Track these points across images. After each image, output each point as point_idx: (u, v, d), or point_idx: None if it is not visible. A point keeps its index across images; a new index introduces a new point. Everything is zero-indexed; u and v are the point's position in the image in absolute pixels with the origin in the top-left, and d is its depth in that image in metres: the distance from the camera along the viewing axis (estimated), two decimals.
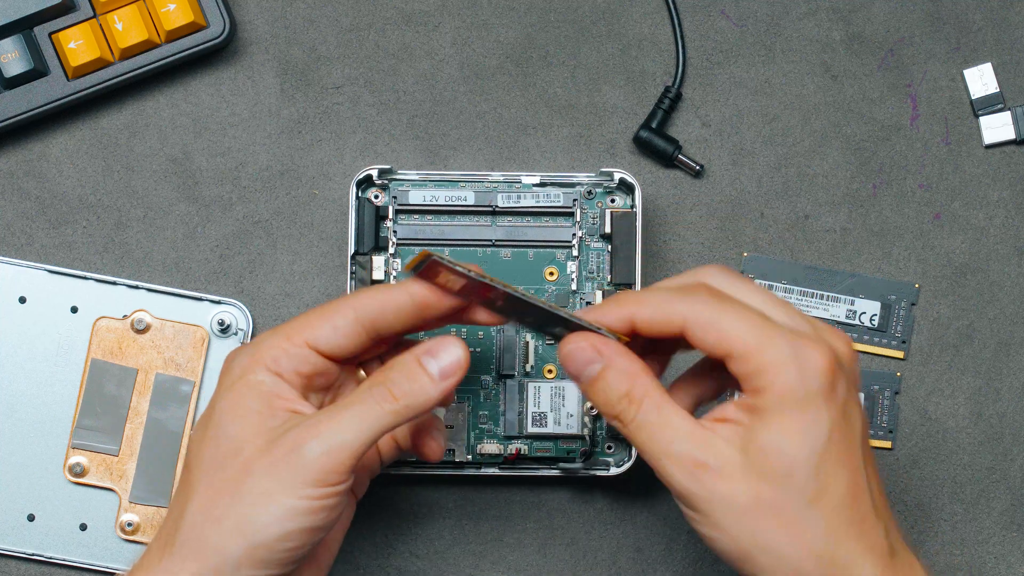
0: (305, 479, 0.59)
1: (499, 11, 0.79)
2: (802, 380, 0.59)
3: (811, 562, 0.59)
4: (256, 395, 0.61)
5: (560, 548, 0.78)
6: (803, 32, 0.79)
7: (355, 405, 0.60)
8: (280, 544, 0.59)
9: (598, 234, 0.76)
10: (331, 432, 0.60)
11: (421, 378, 0.61)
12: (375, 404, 0.60)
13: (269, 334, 0.63)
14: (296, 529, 0.60)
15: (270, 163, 0.78)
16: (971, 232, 0.78)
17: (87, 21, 0.76)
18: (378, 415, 0.60)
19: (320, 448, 0.59)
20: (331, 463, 0.59)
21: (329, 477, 0.59)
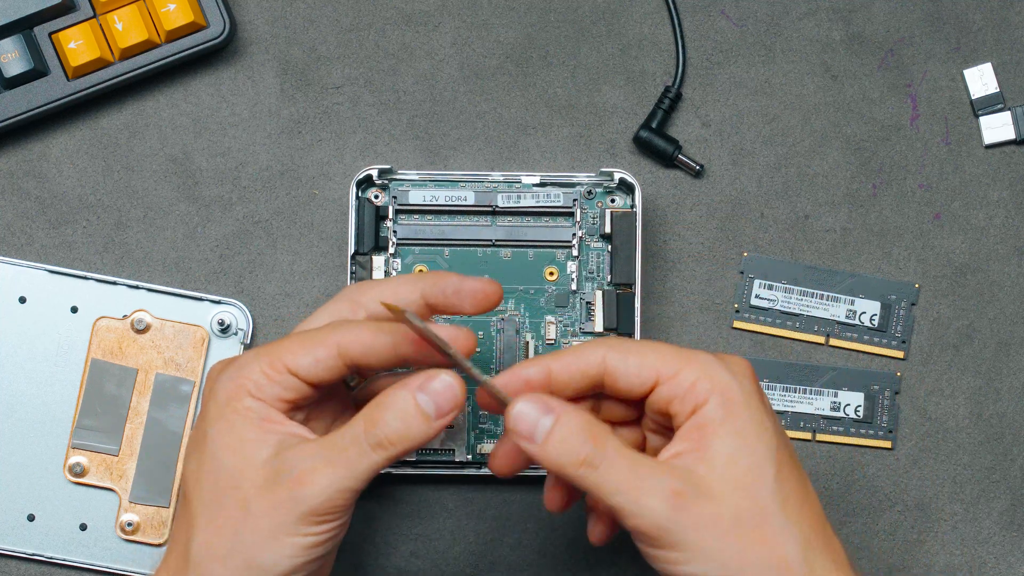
0: (307, 520, 0.60)
1: (499, 11, 0.79)
2: (738, 383, 0.60)
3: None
4: (246, 423, 0.61)
5: (560, 548, 0.78)
6: (803, 32, 0.79)
7: (350, 448, 0.60)
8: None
9: (598, 234, 0.76)
10: (328, 477, 0.60)
11: (415, 420, 0.60)
12: (369, 450, 0.60)
13: (251, 356, 0.62)
14: (301, 562, 0.60)
15: (270, 163, 0.78)
16: (971, 232, 0.78)
17: (87, 21, 0.76)
18: (373, 459, 0.60)
19: (318, 493, 0.60)
20: (330, 504, 0.60)
21: (329, 516, 0.60)
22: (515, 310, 0.76)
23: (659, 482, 0.58)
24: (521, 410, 0.60)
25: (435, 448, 0.76)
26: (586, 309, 0.76)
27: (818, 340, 0.78)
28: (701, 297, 0.78)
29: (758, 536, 0.58)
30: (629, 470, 0.58)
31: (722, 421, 0.59)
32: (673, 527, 0.58)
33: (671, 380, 0.60)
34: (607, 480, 0.58)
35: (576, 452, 0.59)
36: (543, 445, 0.59)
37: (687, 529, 0.58)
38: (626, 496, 0.58)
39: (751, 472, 0.59)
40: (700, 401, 0.60)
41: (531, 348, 0.76)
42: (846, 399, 0.77)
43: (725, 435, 0.59)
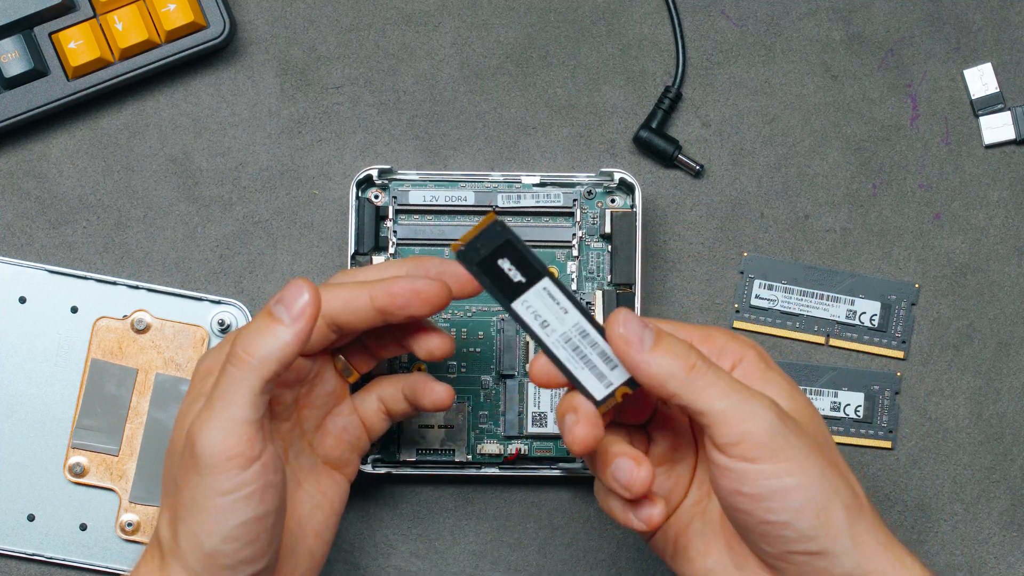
0: (214, 475, 0.59)
1: (499, 11, 0.79)
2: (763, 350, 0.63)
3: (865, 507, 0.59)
4: None
5: (560, 548, 0.78)
6: (803, 32, 0.79)
7: (220, 383, 0.60)
8: (227, 546, 0.59)
9: (598, 234, 0.76)
10: (211, 419, 0.59)
11: (272, 328, 0.60)
12: (236, 372, 0.59)
13: None
14: (234, 525, 0.59)
15: (270, 163, 0.78)
16: (971, 232, 0.78)
17: (87, 21, 0.76)
18: (242, 380, 0.59)
19: (209, 440, 0.59)
20: (227, 447, 0.59)
21: (234, 461, 0.59)
22: None
23: (760, 393, 0.59)
24: (627, 317, 0.59)
25: (435, 448, 0.76)
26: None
27: (818, 340, 0.78)
28: (701, 297, 0.78)
29: (831, 461, 0.59)
30: (734, 379, 0.59)
31: (765, 370, 0.61)
32: (780, 433, 0.57)
33: (705, 343, 0.61)
34: (715, 384, 0.58)
35: (684, 358, 0.58)
36: (651, 351, 0.58)
37: (790, 437, 0.58)
38: (735, 399, 0.58)
39: (806, 409, 0.60)
40: (738, 357, 0.61)
41: (531, 348, 0.76)
42: (846, 399, 0.77)
43: (775, 379, 0.61)
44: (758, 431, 0.57)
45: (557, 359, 0.61)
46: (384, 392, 0.69)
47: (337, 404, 0.68)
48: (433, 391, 0.68)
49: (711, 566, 0.62)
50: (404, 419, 0.73)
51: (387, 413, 0.69)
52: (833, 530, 0.58)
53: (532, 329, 0.60)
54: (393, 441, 0.76)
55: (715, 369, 0.59)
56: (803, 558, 0.59)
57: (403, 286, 0.64)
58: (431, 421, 0.76)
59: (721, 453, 0.58)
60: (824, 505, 0.58)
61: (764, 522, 0.58)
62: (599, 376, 0.60)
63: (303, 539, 0.66)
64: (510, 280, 0.60)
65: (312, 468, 0.67)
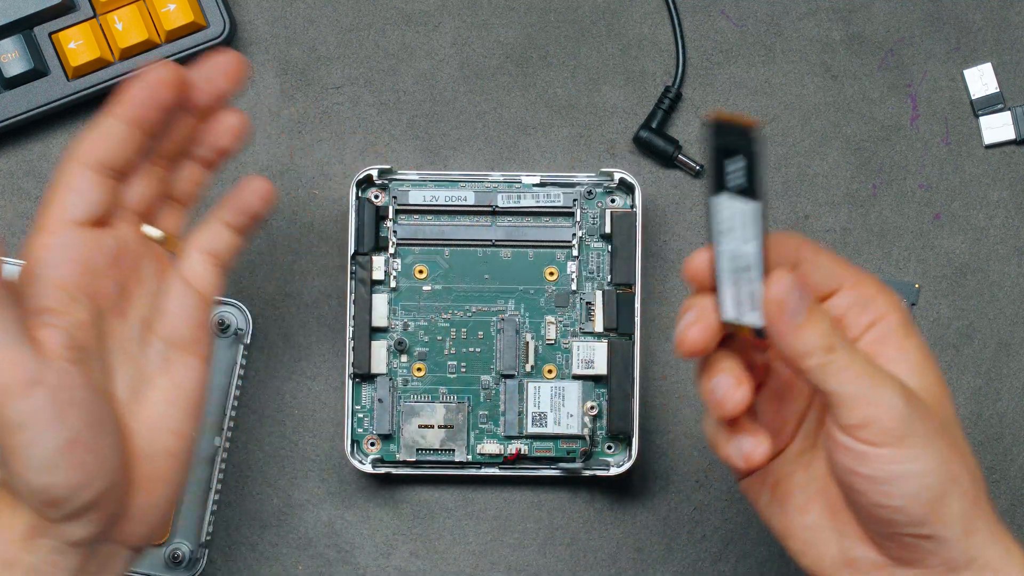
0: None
1: (499, 11, 0.79)
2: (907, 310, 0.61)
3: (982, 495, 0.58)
4: None
5: (560, 548, 0.78)
6: (803, 32, 0.79)
7: None
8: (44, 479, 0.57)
9: (598, 234, 0.76)
10: None
11: None
12: None
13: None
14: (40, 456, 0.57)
15: (270, 163, 0.78)
16: (971, 232, 0.78)
17: (87, 21, 0.76)
18: None
19: None
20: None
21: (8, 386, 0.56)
22: (515, 310, 0.76)
23: (891, 377, 0.57)
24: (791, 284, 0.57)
25: (435, 448, 0.76)
26: (586, 309, 0.76)
27: None
28: None
29: (955, 446, 0.58)
30: (867, 362, 0.57)
31: (906, 336, 0.59)
32: (908, 418, 0.56)
33: (854, 288, 0.60)
34: (849, 368, 0.57)
35: (827, 338, 0.57)
36: (801, 325, 0.57)
37: (916, 422, 0.57)
38: (866, 384, 0.56)
39: (936, 386, 0.59)
40: (880, 315, 0.59)
41: (531, 348, 0.76)
42: None
43: (912, 349, 0.59)
44: (885, 417, 0.56)
45: (717, 263, 0.58)
46: (203, 240, 0.65)
47: (165, 280, 0.64)
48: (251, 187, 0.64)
49: (809, 524, 0.61)
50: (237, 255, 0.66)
51: (217, 261, 0.65)
52: (946, 517, 0.57)
53: (714, 226, 0.58)
54: (393, 441, 0.76)
55: (851, 351, 0.57)
56: (911, 540, 0.58)
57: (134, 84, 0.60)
58: (431, 421, 0.76)
59: (843, 432, 0.57)
60: (941, 493, 0.57)
61: (877, 504, 0.57)
62: (738, 304, 0.58)
63: (158, 440, 0.62)
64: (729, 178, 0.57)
65: (163, 359, 0.63)
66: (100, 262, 0.61)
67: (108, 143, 0.61)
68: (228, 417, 0.76)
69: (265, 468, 0.78)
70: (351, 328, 0.75)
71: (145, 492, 0.61)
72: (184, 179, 0.65)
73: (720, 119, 0.56)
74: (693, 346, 0.59)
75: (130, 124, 0.61)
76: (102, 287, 0.61)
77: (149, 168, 0.63)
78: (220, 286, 0.65)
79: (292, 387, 0.78)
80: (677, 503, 0.78)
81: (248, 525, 0.77)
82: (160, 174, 0.64)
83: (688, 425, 0.78)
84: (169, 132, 0.63)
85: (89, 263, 0.61)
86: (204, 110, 0.63)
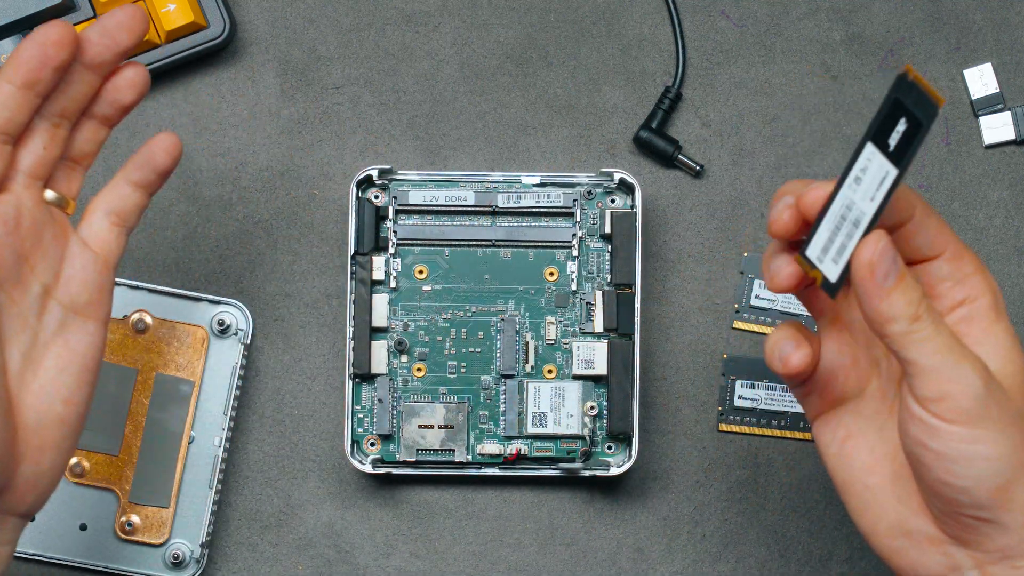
0: None
1: (499, 11, 0.79)
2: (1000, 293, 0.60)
3: None
4: None
5: (560, 548, 0.78)
6: (803, 32, 0.79)
7: None
8: None
9: (598, 234, 0.76)
10: None
11: None
12: None
13: None
14: None
15: (270, 163, 0.79)
16: (971, 232, 0.78)
17: (87, 21, 0.76)
18: None
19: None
20: None
21: None
22: (515, 310, 0.76)
23: (974, 356, 0.57)
24: (886, 248, 0.56)
25: (435, 448, 0.76)
26: (586, 309, 0.76)
27: None
28: (701, 297, 0.78)
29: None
30: (952, 337, 0.57)
31: (994, 321, 0.59)
32: (984, 400, 0.56)
33: (954, 261, 0.59)
34: (932, 340, 0.56)
35: (914, 306, 0.56)
36: (889, 290, 0.56)
37: (993, 406, 0.56)
38: (947, 358, 0.56)
39: (1020, 375, 0.59)
40: (974, 294, 0.59)
41: (531, 348, 0.76)
42: None
43: (999, 335, 0.59)
44: (962, 395, 0.56)
45: (829, 204, 0.57)
46: (106, 200, 0.64)
47: (66, 244, 0.63)
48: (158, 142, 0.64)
49: (871, 485, 0.60)
50: (141, 214, 0.66)
51: (120, 221, 0.64)
52: (1011, 504, 0.56)
53: (848, 170, 0.57)
54: (393, 441, 0.76)
55: (937, 323, 0.56)
56: (971, 522, 0.57)
57: (25, 46, 0.59)
58: (431, 421, 0.76)
59: (918, 404, 0.57)
60: (1009, 479, 0.56)
61: (943, 481, 0.57)
62: (825, 249, 0.58)
63: (49, 409, 0.61)
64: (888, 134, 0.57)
65: (60, 324, 0.62)
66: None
67: (3, 110, 0.59)
68: (228, 417, 0.76)
69: (265, 468, 0.78)
70: (351, 328, 0.75)
71: (33, 462, 0.60)
72: (83, 138, 0.63)
73: (913, 78, 0.56)
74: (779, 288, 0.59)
75: (22, 87, 0.60)
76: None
77: (45, 128, 0.62)
78: (123, 246, 0.64)
79: (292, 387, 0.78)
80: (677, 503, 0.78)
81: (248, 525, 0.78)
82: (56, 134, 0.62)
83: (688, 425, 0.78)
84: (65, 91, 0.62)
85: None
86: (101, 66, 0.62)
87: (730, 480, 0.78)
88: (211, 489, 0.76)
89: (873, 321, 0.57)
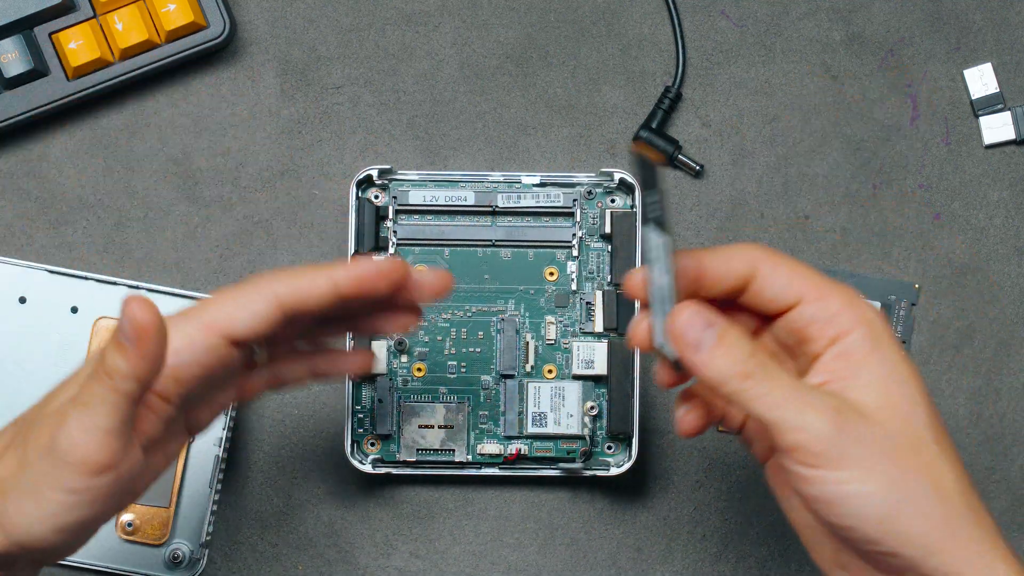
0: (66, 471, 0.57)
1: (499, 11, 0.79)
2: (880, 320, 0.59)
3: (955, 512, 0.57)
4: None
5: (560, 548, 0.78)
6: (803, 32, 0.79)
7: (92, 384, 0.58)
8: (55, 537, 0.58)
9: (598, 234, 0.76)
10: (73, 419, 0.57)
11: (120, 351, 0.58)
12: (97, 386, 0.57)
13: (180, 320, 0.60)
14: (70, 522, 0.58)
15: (270, 163, 0.78)
16: (971, 232, 0.78)
17: (87, 21, 0.76)
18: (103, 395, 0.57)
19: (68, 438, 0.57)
20: (85, 452, 0.57)
21: (88, 466, 0.57)
22: (515, 310, 0.76)
23: (820, 400, 0.57)
24: (690, 317, 0.57)
25: (435, 448, 0.76)
26: (586, 309, 0.76)
27: None
28: None
29: (915, 462, 0.57)
30: (790, 387, 0.57)
31: (870, 352, 0.58)
32: (837, 442, 0.56)
33: (817, 302, 0.59)
34: (769, 394, 0.56)
35: (741, 365, 0.57)
36: (709, 355, 0.57)
37: (850, 445, 0.56)
38: (788, 410, 0.56)
39: (904, 401, 0.58)
40: (844, 330, 0.58)
41: (531, 348, 0.76)
42: None
43: (874, 365, 0.58)
44: (810, 441, 0.56)
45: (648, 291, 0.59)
46: (285, 370, 0.66)
47: (232, 384, 0.65)
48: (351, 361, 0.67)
49: (809, 523, 0.61)
50: None
51: (278, 384, 0.66)
52: (902, 536, 0.56)
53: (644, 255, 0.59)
54: (393, 441, 0.76)
55: (770, 375, 0.57)
56: (877, 556, 0.57)
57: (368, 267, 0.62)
58: (431, 421, 0.76)
59: (783, 455, 0.57)
60: (888, 513, 0.56)
61: (829, 522, 0.57)
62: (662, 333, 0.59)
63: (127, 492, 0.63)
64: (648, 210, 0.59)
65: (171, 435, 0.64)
66: (217, 376, 0.62)
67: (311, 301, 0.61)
68: (228, 417, 0.76)
69: (265, 468, 0.78)
70: None
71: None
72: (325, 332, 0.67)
73: (638, 154, 0.58)
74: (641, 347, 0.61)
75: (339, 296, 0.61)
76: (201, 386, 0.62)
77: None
78: None
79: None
80: (677, 503, 0.78)
81: (248, 525, 0.78)
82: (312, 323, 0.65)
83: None
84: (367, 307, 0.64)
85: (210, 374, 0.61)
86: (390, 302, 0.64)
87: (730, 480, 0.78)
88: (211, 489, 0.76)
89: (709, 386, 0.57)
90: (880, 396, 0.58)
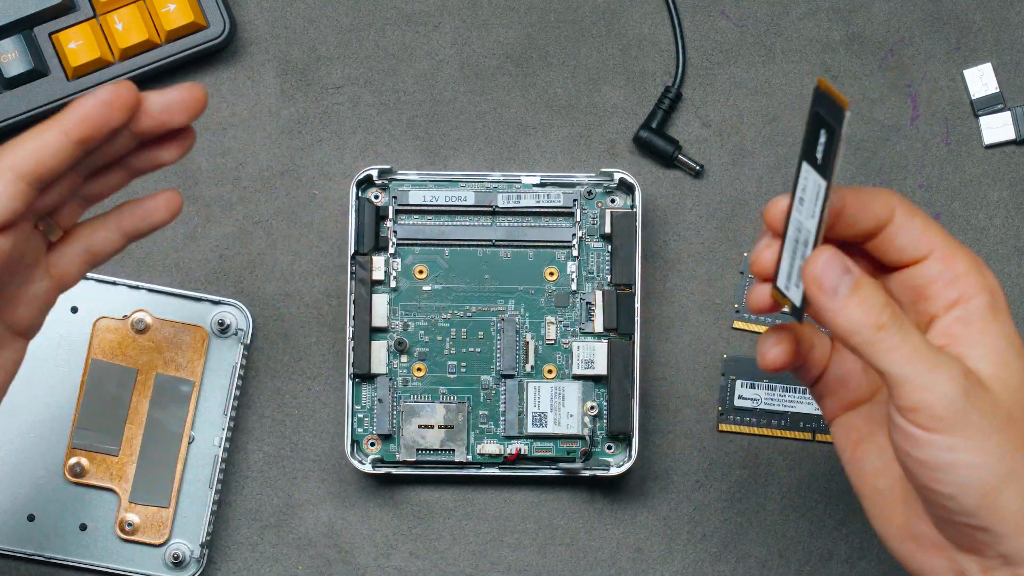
0: None
1: (499, 11, 0.79)
2: (1001, 291, 0.58)
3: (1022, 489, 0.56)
4: None
5: (560, 548, 0.78)
6: (803, 32, 0.79)
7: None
8: None
9: (598, 234, 0.76)
10: None
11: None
12: None
13: None
14: None
15: (270, 163, 0.79)
16: (971, 232, 0.78)
17: (87, 21, 0.76)
18: None
19: None
20: None
21: None
22: (515, 310, 0.76)
23: (950, 363, 0.55)
24: (829, 260, 0.55)
25: (435, 448, 0.76)
26: (586, 309, 0.76)
27: None
28: (701, 297, 0.78)
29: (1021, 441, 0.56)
30: (923, 345, 0.55)
31: (991, 320, 0.57)
32: (961, 408, 0.54)
33: (943, 261, 0.58)
34: (900, 348, 0.55)
35: (875, 315, 0.55)
36: (844, 302, 0.55)
37: (971, 413, 0.55)
38: (918, 368, 0.55)
39: (1018, 375, 0.57)
40: (967, 295, 0.57)
41: (531, 348, 0.76)
42: None
43: (994, 335, 0.57)
44: (936, 403, 0.54)
45: (786, 228, 0.57)
46: (91, 238, 0.63)
47: (35, 270, 0.62)
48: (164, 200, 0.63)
49: (881, 488, 0.60)
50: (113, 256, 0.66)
51: (93, 260, 0.64)
52: (1000, 512, 0.55)
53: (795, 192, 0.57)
54: (393, 441, 0.76)
55: (904, 330, 0.55)
56: (965, 528, 0.56)
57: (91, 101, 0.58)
58: (431, 421, 0.76)
59: (898, 413, 0.56)
60: (995, 487, 0.55)
61: (929, 489, 0.56)
62: (789, 276, 0.57)
63: None
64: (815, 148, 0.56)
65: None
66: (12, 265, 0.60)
67: (51, 160, 0.58)
68: (228, 417, 0.76)
69: (265, 468, 0.78)
70: (351, 328, 0.75)
71: None
72: (103, 183, 0.63)
73: (823, 87, 0.55)
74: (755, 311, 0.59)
75: (78, 143, 0.59)
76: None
77: (72, 176, 0.61)
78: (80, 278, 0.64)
79: (292, 387, 0.78)
80: (677, 503, 0.78)
81: (248, 525, 0.78)
82: (77, 181, 0.62)
83: (688, 425, 0.78)
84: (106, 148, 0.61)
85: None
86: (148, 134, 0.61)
87: (730, 480, 0.78)
88: (211, 489, 0.76)
89: (836, 336, 0.56)
90: (997, 367, 0.57)
